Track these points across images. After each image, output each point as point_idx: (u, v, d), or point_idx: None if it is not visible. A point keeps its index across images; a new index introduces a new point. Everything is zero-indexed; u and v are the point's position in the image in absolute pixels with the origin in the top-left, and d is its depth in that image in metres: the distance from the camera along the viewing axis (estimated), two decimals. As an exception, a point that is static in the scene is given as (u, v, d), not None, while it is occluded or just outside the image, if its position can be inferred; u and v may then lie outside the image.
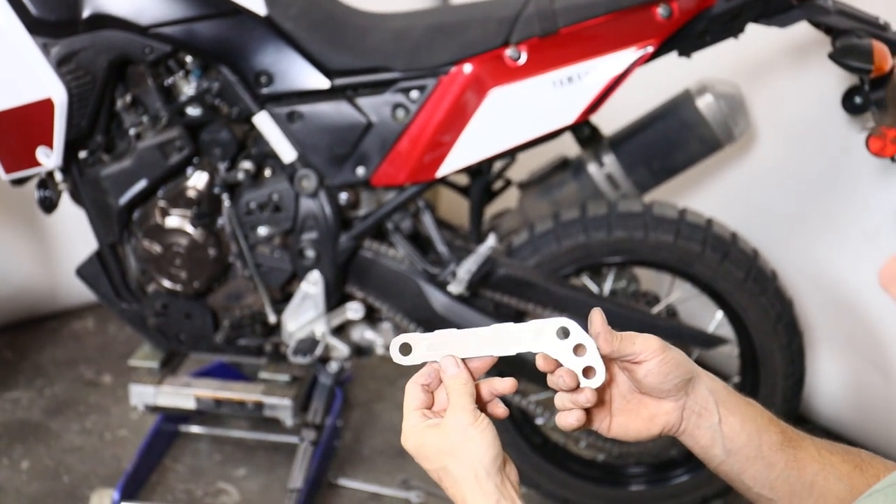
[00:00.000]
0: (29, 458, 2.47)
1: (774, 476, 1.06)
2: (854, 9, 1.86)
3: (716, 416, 1.06)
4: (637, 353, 1.04)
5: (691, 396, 1.06)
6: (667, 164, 2.17)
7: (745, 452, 1.06)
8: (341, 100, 2.01)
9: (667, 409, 1.06)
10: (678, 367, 1.04)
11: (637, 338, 1.04)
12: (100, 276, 2.19)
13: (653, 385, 1.05)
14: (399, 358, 1.08)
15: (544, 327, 1.05)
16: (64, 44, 1.97)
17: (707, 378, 1.07)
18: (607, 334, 1.03)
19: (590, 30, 1.91)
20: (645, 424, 1.07)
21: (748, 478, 1.07)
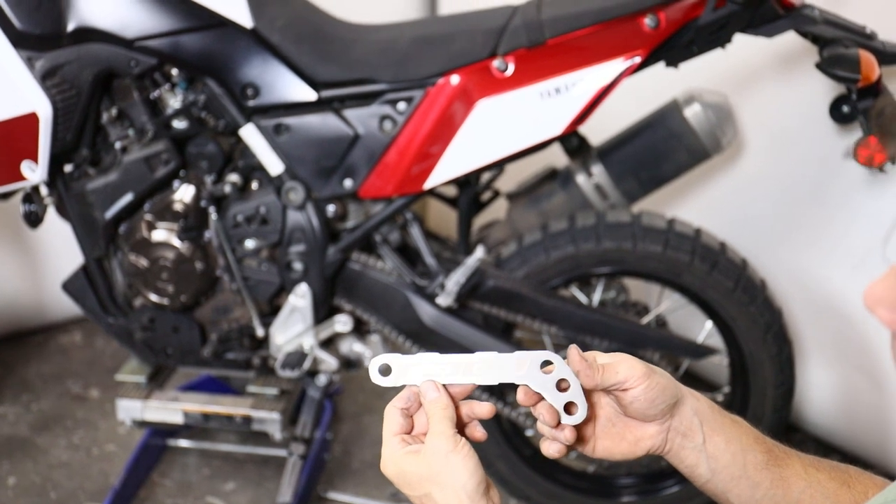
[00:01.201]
0: (15, 475, 2.46)
1: (760, 495, 1.06)
2: (841, 18, 1.87)
3: (700, 437, 1.06)
4: (622, 381, 1.03)
5: (676, 418, 1.06)
6: (655, 174, 2.18)
7: (730, 472, 1.06)
8: (328, 112, 2.01)
9: (652, 432, 1.06)
10: (664, 392, 1.04)
11: (620, 365, 1.03)
12: (86, 290, 2.19)
13: (639, 411, 1.05)
14: (378, 379, 1.07)
15: (527, 359, 1.04)
16: (49, 57, 1.96)
17: (692, 398, 1.07)
18: (587, 370, 1.02)
19: (577, 41, 1.91)
20: (630, 447, 1.07)
21: (733, 497, 1.07)
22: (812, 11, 1.86)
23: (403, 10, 3.16)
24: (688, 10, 1.87)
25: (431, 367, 1.06)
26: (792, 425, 2.49)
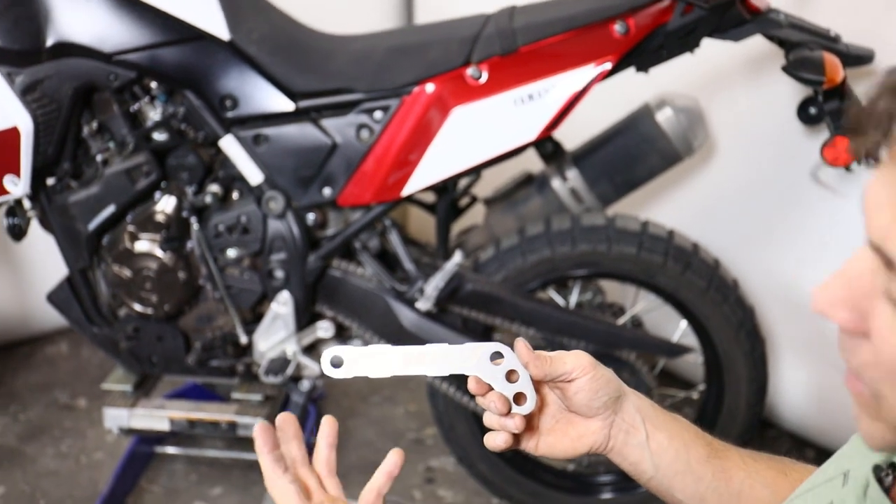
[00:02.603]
0: (4, 484, 2.46)
1: (703, 488, 1.06)
2: (806, 22, 1.88)
3: (643, 434, 1.06)
4: (569, 371, 1.03)
5: (619, 415, 1.06)
6: (628, 178, 2.18)
7: (674, 467, 1.06)
8: (306, 122, 2.01)
9: (594, 428, 1.06)
10: (608, 385, 1.04)
11: (568, 357, 1.04)
12: (71, 301, 2.19)
13: (583, 402, 1.04)
14: (330, 370, 1.07)
15: (478, 350, 1.04)
16: (28, 73, 1.96)
17: (634, 396, 1.08)
18: (536, 360, 1.02)
19: (549, 48, 1.92)
20: (572, 443, 1.07)
21: (678, 491, 1.07)
22: (777, 15, 1.87)
23: (380, 21, 3.17)
24: (656, 15, 1.88)
25: (382, 358, 1.06)
26: (766, 421, 2.50)
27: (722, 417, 2.17)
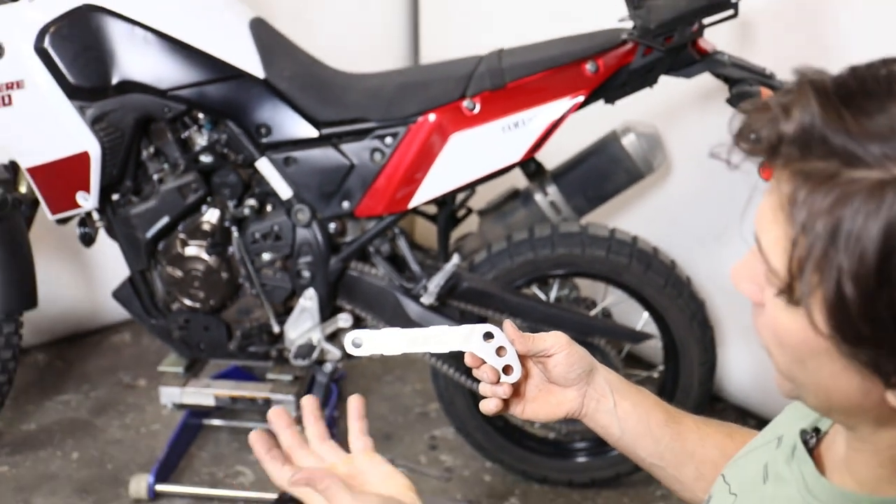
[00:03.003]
0: (78, 450, 2.45)
1: (662, 448, 1.06)
2: (745, 61, 1.88)
3: (611, 402, 1.06)
4: (548, 347, 1.03)
5: (591, 385, 1.06)
6: (599, 192, 2.18)
7: (637, 430, 1.06)
8: (328, 146, 2.02)
9: (570, 396, 1.06)
10: (581, 360, 1.04)
11: (547, 336, 1.04)
12: (132, 297, 2.20)
13: (561, 374, 1.04)
14: (352, 350, 1.07)
15: (473, 331, 1.04)
16: (97, 106, 1.98)
17: (604, 370, 1.07)
18: (521, 338, 1.03)
19: (531, 83, 1.92)
20: (552, 409, 1.07)
21: (641, 450, 1.07)
22: (722, 56, 1.88)
23: (390, 61, 3.17)
24: (621, 57, 1.89)
25: (394, 338, 1.06)
26: (715, 396, 2.49)
27: (678, 393, 2.16)
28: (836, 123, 0.64)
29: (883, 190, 0.61)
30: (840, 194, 0.63)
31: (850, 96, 0.65)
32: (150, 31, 1.95)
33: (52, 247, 2.70)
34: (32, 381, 2.72)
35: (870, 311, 0.63)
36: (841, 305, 0.64)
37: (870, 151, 0.62)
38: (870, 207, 0.61)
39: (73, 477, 2.36)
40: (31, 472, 2.37)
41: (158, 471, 2.28)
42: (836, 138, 0.64)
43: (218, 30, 2.01)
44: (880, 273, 0.62)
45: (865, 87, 0.65)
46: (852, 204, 0.62)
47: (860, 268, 0.62)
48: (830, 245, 0.63)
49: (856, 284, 0.63)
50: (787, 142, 0.66)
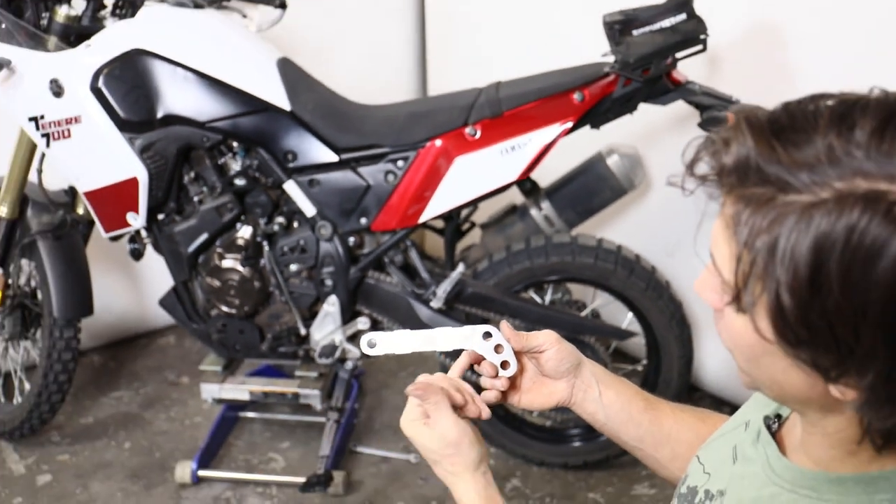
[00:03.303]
0: (129, 440, 2.46)
1: (643, 432, 1.06)
2: (714, 90, 1.89)
3: (597, 391, 1.06)
4: (540, 344, 1.03)
5: (579, 377, 1.06)
6: (587, 207, 2.17)
7: (620, 416, 1.06)
8: (347, 169, 2.02)
9: (560, 387, 1.06)
10: (570, 355, 1.04)
11: (539, 334, 1.04)
12: (176, 304, 2.20)
13: (552, 368, 1.04)
14: (367, 350, 1.06)
15: (474, 331, 1.03)
16: (144, 137, 2.00)
17: (590, 364, 1.07)
18: (515, 336, 1.03)
19: (526, 112, 1.93)
20: (545, 399, 1.06)
21: (623, 434, 1.07)
22: (694, 86, 1.89)
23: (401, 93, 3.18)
24: (604, 87, 1.90)
25: (405, 339, 1.06)
26: (693, 386, 2.48)
27: (660, 384, 2.15)
28: (768, 155, 0.65)
29: (811, 212, 0.63)
30: (776, 216, 0.64)
31: (782, 130, 0.66)
32: (190, 70, 1.97)
33: (106, 261, 2.72)
34: (89, 380, 2.73)
35: (805, 317, 0.65)
36: (780, 313, 0.66)
37: (799, 179, 0.64)
38: (801, 227, 0.63)
39: (126, 464, 2.36)
40: (88, 459, 2.38)
41: (200, 458, 2.28)
42: (770, 168, 0.65)
43: (250, 68, 2.01)
44: (812, 284, 0.63)
45: (795, 122, 0.66)
46: (786, 224, 0.64)
47: (795, 280, 0.64)
48: (769, 260, 0.65)
49: (792, 294, 0.64)
50: (728, 172, 0.67)
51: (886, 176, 0.62)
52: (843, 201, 0.62)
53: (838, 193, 0.62)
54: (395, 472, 2.31)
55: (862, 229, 0.61)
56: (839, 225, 0.61)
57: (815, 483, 0.75)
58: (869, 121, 0.64)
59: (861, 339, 0.63)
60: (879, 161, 0.62)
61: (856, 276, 0.62)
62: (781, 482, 0.78)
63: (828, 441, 0.75)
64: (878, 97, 0.67)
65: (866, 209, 0.61)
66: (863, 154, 0.63)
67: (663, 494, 2.22)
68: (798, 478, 0.77)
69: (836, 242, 0.62)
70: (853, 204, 0.61)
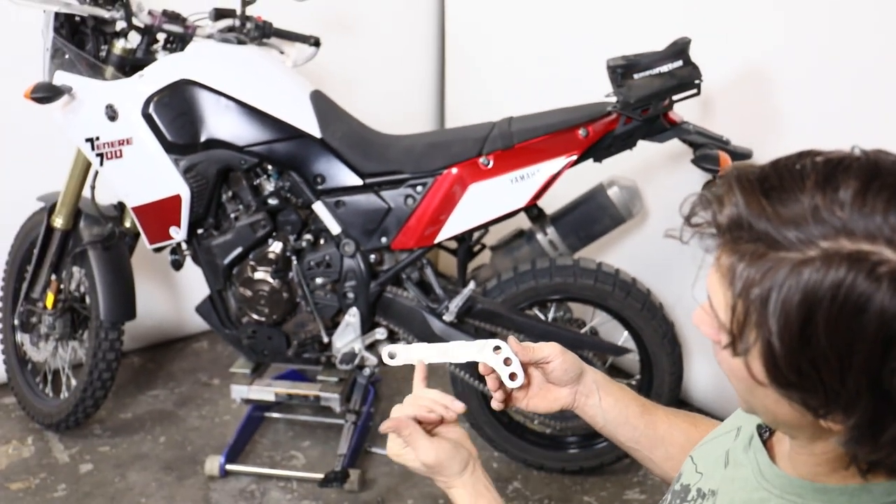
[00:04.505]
0: (164, 435, 2.47)
1: (638, 434, 1.06)
2: (707, 130, 1.90)
3: (597, 397, 1.06)
4: (546, 356, 1.04)
5: (581, 385, 1.06)
6: (589, 233, 2.17)
7: (618, 420, 1.06)
8: (370, 193, 2.03)
9: (564, 393, 1.06)
10: (573, 365, 1.05)
11: (545, 346, 1.04)
12: (211, 312, 2.21)
13: (556, 377, 1.05)
14: (388, 360, 1.07)
15: (485, 345, 1.03)
16: (188, 159, 2.01)
17: (592, 372, 1.07)
18: (522, 350, 1.04)
19: (535, 145, 1.93)
20: (550, 403, 1.07)
21: (620, 436, 1.07)
22: (688, 126, 1.89)
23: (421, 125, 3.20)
24: (607, 124, 1.90)
25: (421, 351, 1.06)
26: (682, 400, 2.47)
27: (651, 398, 2.05)
28: (758, 212, 0.65)
29: (801, 268, 0.63)
30: (767, 270, 0.64)
31: (772, 189, 0.66)
32: (231, 99, 1.99)
33: (149, 271, 2.74)
34: (129, 379, 2.74)
35: (795, 364, 0.65)
36: (772, 359, 0.66)
37: (787, 236, 0.64)
38: (791, 282, 0.63)
39: (160, 456, 2.37)
40: (126, 451, 2.39)
41: (228, 453, 2.29)
42: (759, 224, 0.65)
43: (285, 99, 2.03)
44: (802, 334, 0.63)
45: (783, 182, 0.66)
46: (777, 278, 0.63)
47: (786, 330, 0.64)
48: (762, 311, 0.65)
49: (783, 343, 0.64)
50: (723, 230, 0.68)
51: (868, 235, 0.61)
52: (831, 259, 0.62)
53: (825, 252, 0.62)
54: (406, 472, 2.29)
55: (848, 286, 0.61)
56: (826, 281, 0.61)
57: (802, 491, 0.75)
58: (852, 182, 0.63)
59: (846, 385, 0.63)
60: (861, 221, 0.62)
61: (842, 328, 0.61)
62: (771, 488, 0.77)
63: (814, 460, 0.75)
64: (861, 158, 0.66)
65: (851, 268, 0.61)
66: (846, 214, 0.62)
67: (652, 500, 2.21)
68: (786, 485, 0.76)
69: (823, 297, 0.61)
70: (839, 262, 0.61)
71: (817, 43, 1.95)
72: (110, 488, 2.24)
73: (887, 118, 1.84)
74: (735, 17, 2.10)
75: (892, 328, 0.60)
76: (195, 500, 2.19)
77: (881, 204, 0.62)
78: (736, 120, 2.13)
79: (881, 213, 0.62)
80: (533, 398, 1.08)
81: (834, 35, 1.91)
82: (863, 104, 1.88)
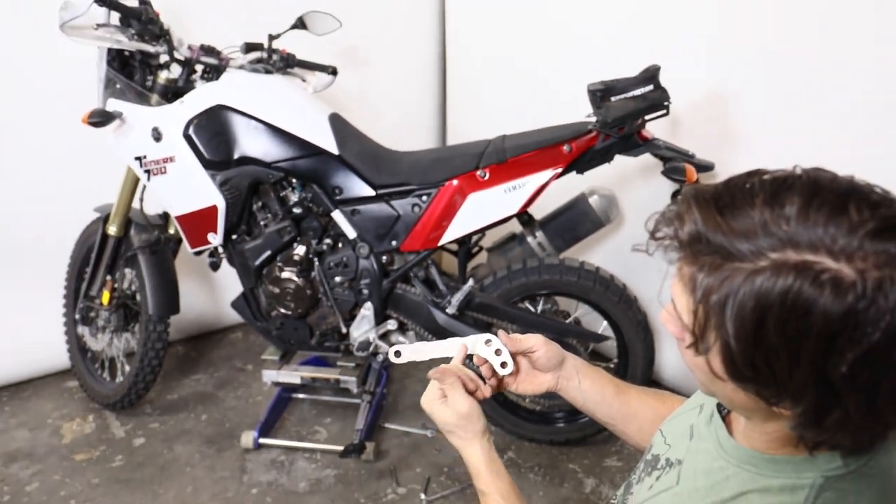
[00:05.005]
0: (206, 413, 2.47)
1: (614, 411, 1.07)
2: (675, 145, 1.88)
3: (577, 380, 1.06)
4: (531, 346, 1.04)
5: (563, 370, 1.06)
6: (573, 236, 2.17)
7: (595, 399, 1.07)
8: (382, 202, 2.02)
9: (548, 378, 1.06)
10: (556, 353, 1.05)
11: (530, 338, 1.04)
12: (244, 307, 2.21)
13: (541, 364, 1.05)
14: (393, 358, 1.06)
15: (477, 339, 1.03)
16: (223, 174, 2.00)
17: (572, 358, 1.07)
18: (510, 341, 1.04)
19: (525, 159, 1.92)
20: (536, 387, 1.07)
21: (598, 413, 1.07)
22: (658, 142, 1.88)
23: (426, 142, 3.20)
24: (588, 141, 1.89)
25: (423, 348, 1.06)
26: (654, 380, 2.47)
27: (627, 379, 2.05)
28: (714, 227, 0.65)
29: (753, 277, 0.62)
30: (724, 279, 0.63)
31: (725, 206, 0.65)
32: (260, 122, 1.98)
33: (190, 271, 2.73)
34: (174, 365, 2.74)
35: (750, 361, 0.64)
36: (730, 357, 0.65)
37: (740, 248, 0.63)
38: (745, 290, 0.62)
39: (202, 432, 2.37)
40: (173, 427, 2.39)
41: (261, 428, 2.28)
42: (716, 238, 0.64)
43: (307, 121, 2.02)
44: (755, 335, 0.63)
45: (735, 199, 0.65)
46: (733, 286, 0.63)
47: (741, 332, 0.63)
48: (721, 315, 0.64)
49: (739, 343, 0.64)
50: (684, 244, 0.67)
51: (811, 246, 0.61)
52: (779, 269, 0.61)
53: (774, 262, 0.61)
54: (414, 444, 2.30)
55: (795, 292, 0.60)
56: (776, 288, 0.61)
57: (755, 461, 0.75)
58: (796, 199, 0.63)
59: (794, 378, 0.63)
60: (805, 233, 0.61)
61: (790, 329, 0.61)
62: (728, 458, 0.78)
63: (766, 437, 0.75)
64: (802, 177, 0.65)
65: (798, 276, 0.60)
66: (792, 228, 0.62)
67: (628, 466, 2.20)
68: (742, 455, 0.77)
69: (774, 302, 0.61)
70: (787, 271, 0.61)
71: (769, 72, 1.94)
72: (160, 459, 2.23)
73: (826, 136, 1.83)
74: (698, 48, 2.09)
75: (833, 328, 0.60)
76: (233, 470, 2.18)
77: (822, 218, 0.61)
78: (699, 137, 2.12)
79: (822, 226, 0.61)
80: (521, 382, 1.08)
81: (782, 65, 1.90)
82: (805, 124, 1.87)
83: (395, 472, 2.17)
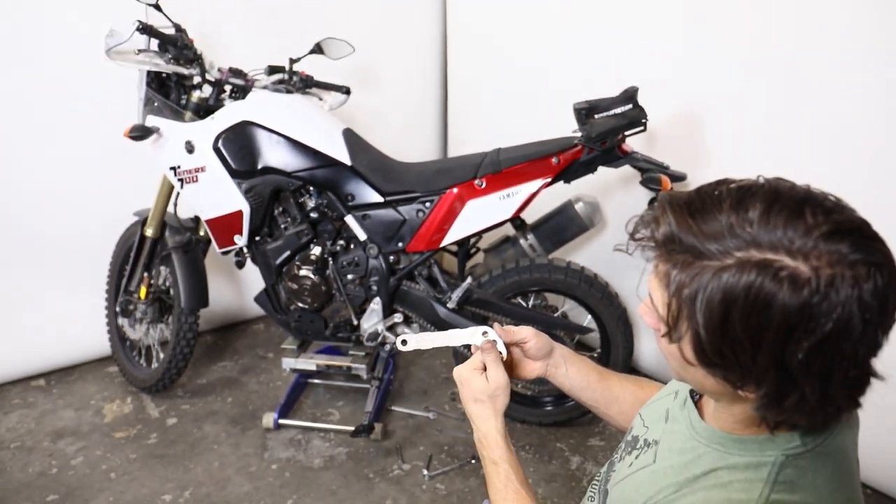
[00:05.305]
0: (231, 396, 2.47)
1: (597, 395, 1.06)
2: (652, 158, 1.89)
3: (564, 368, 1.06)
4: (523, 337, 1.04)
5: (552, 358, 1.06)
6: (560, 239, 2.17)
7: (581, 385, 1.06)
8: (390, 208, 2.03)
9: (538, 366, 1.06)
10: (545, 344, 1.05)
11: (522, 329, 1.04)
12: (266, 301, 2.21)
13: (532, 353, 1.05)
14: (400, 347, 1.06)
15: (475, 331, 1.02)
16: (248, 182, 2.01)
17: (560, 348, 1.07)
18: (504, 332, 1.03)
19: (518, 169, 1.92)
20: (528, 374, 1.07)
21: (583, 397, 1.07)
22: (637, 155, 1.89)
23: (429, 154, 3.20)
24: (574, 154, 1.90)
25: (427, 338, 1.06)
26: (633, 368, 2.47)
27: (608, 367, 2.08)
28: (686, 229, 0.66)
29: (720, 274, 0.63)
30: (695, 275, 0.65)
31: (696, 210, 0.66)
32: (282, 136, 1.99)
33: (218, 269, 2.75)
34: (204, 353, 2.75)
35: (717, 348, 0.65)
36: (700, 345, 0.66)
37: (709, 248, 0.64)
38: (713, 285, 0.63)
39: (228, 413, 2.38)
40: (202, 409, 2.40)
41: (280, 410, 2.29)
42: (688, 239, 0.65)
43: (323, 135, 2.03)
44: (722, 325, 0.64)
45: (704, 204, 0.66)
46: (702, 282, 0.64)
47: (710, 322, 0.64)
48: (691, 307, 0.65)
49: (707, 332, 0.65)
50: (659, 244, 0.68)
51: (772, 246, 0.62)
52: (743, 266, 0.62)
53: (739, 260, 0.62)
54: (418, 426, 2.31)
55: (757, 287, 0.61)
56: (741, 284, 0.62)
57: (724, 441, 0.75)
58: (758, 205, 0.63)
59: (757, 364, 0.64)
60: (766, 235, 0.62)
61: (753, 321, 0.62)
62: (700, 438, 0.78)
63: (733, 418, 0.75)
64: (764, 185, 0.66)
65: (760, 273, 0.61)
66: (755, 230, 0.62)
67: (610, 445, 2.21)
68: (712, 436, 0.77)
69: (738, 296, 0.62)
70: (750, 269, 0.62)
71: (735, 94, 1.96)
72: (190, 437, 2.25)
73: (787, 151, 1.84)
74: (671, 71, 2.11)
75: (791, 319, 0.61)
76: (255, 447, 2.20)
77: (781, 221, 0.62)
78: (674, 150, 2.13)
79: (782, 229, 0.62)
80: (515, 369, 1.08)
81: (747, 88, 1.92)
82: (768, 140, 1.89)
83: (400, 450, 2.19)
